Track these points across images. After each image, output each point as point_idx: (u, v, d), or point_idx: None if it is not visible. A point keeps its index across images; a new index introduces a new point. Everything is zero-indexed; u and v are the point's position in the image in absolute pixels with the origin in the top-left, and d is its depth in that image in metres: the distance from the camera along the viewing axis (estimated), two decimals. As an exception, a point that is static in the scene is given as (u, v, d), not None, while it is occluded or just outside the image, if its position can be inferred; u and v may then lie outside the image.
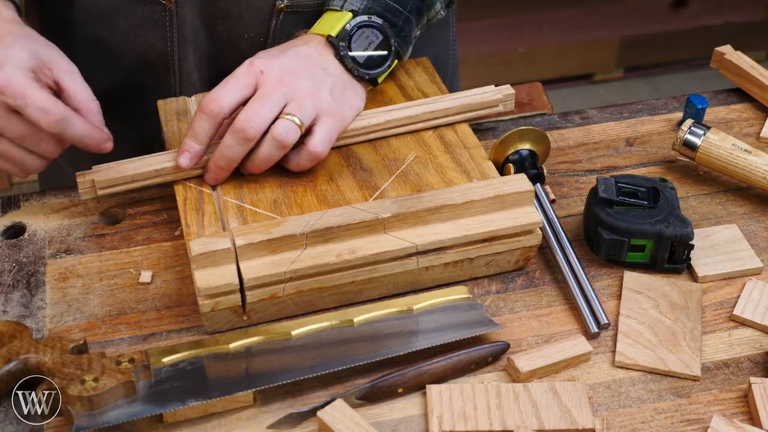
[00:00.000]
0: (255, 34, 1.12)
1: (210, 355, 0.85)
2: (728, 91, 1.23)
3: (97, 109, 0.94)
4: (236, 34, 1.12)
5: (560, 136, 1.15)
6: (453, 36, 1.33)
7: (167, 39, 1.12)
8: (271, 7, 1.10)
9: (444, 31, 1.30)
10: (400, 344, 0.87)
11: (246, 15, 1.10)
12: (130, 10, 1.10)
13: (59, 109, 0.90)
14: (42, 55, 0.93)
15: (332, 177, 1.00)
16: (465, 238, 0.92)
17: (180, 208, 0.96)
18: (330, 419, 0.80)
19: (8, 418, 0.83)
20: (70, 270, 0.98)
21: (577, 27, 3.02)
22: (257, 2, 1.10)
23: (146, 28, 1.11)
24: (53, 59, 0.94)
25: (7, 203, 1.06)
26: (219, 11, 1.10)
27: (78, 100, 0.93)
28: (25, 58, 0.91)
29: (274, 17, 1.11)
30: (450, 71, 1.34)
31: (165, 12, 1.09)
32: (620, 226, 0.95)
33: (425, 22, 1.12)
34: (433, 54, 1.21)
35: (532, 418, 0.82)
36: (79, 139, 0.92)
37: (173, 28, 1.11)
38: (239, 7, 1.10)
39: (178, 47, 1.12)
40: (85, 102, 0.94)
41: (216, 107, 0.95)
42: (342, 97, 1.01)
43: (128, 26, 1.11)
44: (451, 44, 1.33)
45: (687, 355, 0.88)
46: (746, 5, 3.11)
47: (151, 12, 1.10)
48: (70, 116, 0.90)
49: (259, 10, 1.10)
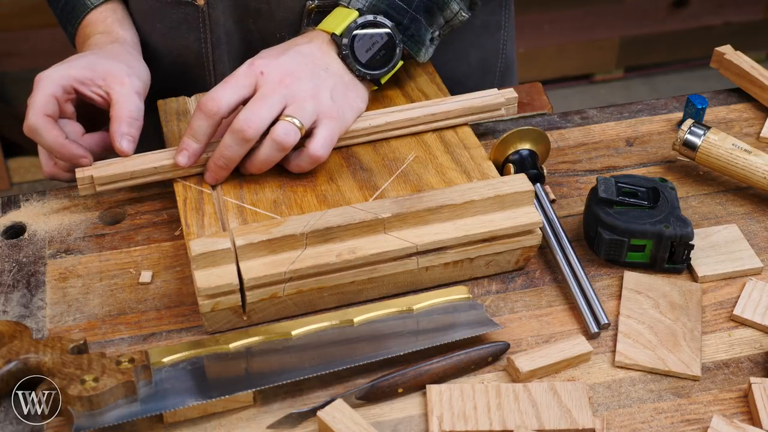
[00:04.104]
0: (287, 33, 1.12)
1: (210, 355, 0.85)
2: (728, 91, 1.23)
3: (126, 121, 1.00)
4: (269, 33, 1.13)
5: (560, 136, 1.15)
6: (504, 41, 1.31)
7: (201, 40, 1.13)
8: (302, 6, 1.10)
9: (494, 35, 1.29)
10: (400, 344, 0.87)
11: (278, 14, 1.11)
12: (165, 12, 1.12)
13: (33, 118, 0.97)
14: (100, 65, 1.02)
15: (332, 177, 1.00)
16: (465, 238, 0.92)
17: (180, 208, 0.96)
18: (330, 419, 0.80)
19: (8, 418, 0.83)
20: (70, 270, 0.98)
21: (577, 27, 3.02)
22: (289, 1, 1.10)
23: (181, 29, 1.13)
24: (110, 71, 1.02)
25: (7, 203, 1.06)
26: (251, 11, 1.11)
27: (115, 110, 1.00)
28: (78, 65, 1.01)
29: (305, 17, 1.11)
30: (499, 76, 1.33)
31: (198, 13, 1.11)
32: (620, 226, 0.95)
33: (443, 22, 1.10)
34: (479, 57, 1.20)
35: (532, 418, 0.82)
36: (49, 149, 0.99)
37: (206, 29, 1.12)
38: (270, 6, 1.10)
39: (212, 48, 1.14)
40: (119, 111, 1.00)
41: (214, 106, 0.95)
42: (343, 98, 1.01)
43: (164, 28, 1.13)
44: (501, 48, 1.31)
45: (687, 355, 0.88)
46: (746, 5, 3.11)
47: (185, 14, 1.11)
48: (41, 127, 0.97)
49: (291, 10, 1.11)
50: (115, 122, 0.99)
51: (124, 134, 0.99)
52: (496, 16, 1.28)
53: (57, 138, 0.98)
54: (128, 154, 0.99)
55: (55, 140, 0.98)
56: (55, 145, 0.98)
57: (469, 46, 1.18)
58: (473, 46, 1.21)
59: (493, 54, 1.31)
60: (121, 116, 0.99)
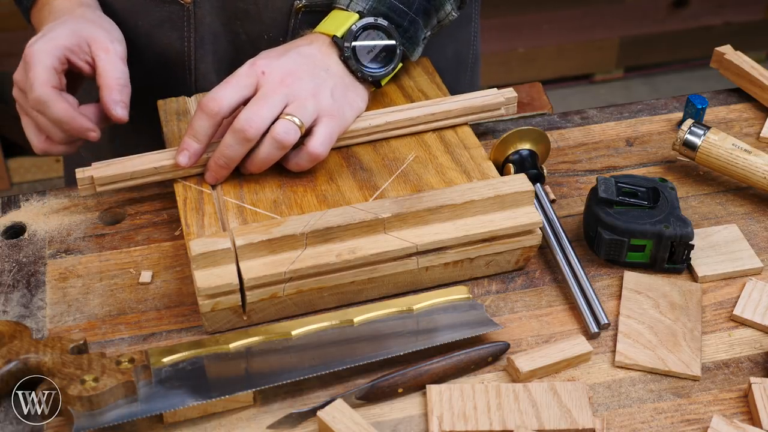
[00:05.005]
0: (274, 34, 1.12)
1: (210, 355, 0.85)
2: (728, 91, 1.23)
3: (116, 87, 0.99)
4: (256, 35, 1.12)
5: (560, 136, 1.15)
6: (474, 32, 1.33)
7: (184, 39, 1.13)
8: (290, 6, 1.10)
9: (466, 27, 1.30)
10: (400, 344, 0.87)
11: (265, 15, 1.11)
12: (149, 10, 1.11)
13: (40, 90, 0.96)
14: (84, 33, 1.00)
15: (332, 177, 1.00)
16: (465, 238, 0.92)
17: (180, 208, 0.96)
18: (330, 419, 0.80)
19: (8, 418, 0.83)
20: (70, 270, 0.98)
21: (577, 27, 3.02)
22: (276, 2, 1.10)
23: (164, 28, 1.12)
24: (94, 38, 1.00)
25: (7, 203, 1.06)
26: (239, 11, 1.11)
27: (103, 78, 0.99)
28: (64, 34, 0.99)
29: (292, 17, 1.11)
30: (470, 68, 1.34)
31: (183, 12, 1.10)
32: (620, 226, 0.95)
33: (436, 23, 1.11)
34: (454, 50, 1.20)
35: (532, 418, 0.82)
36: (57, 122, 0.98)
37: (191, 29, 1.11)
38: (258, 7, 1.10)
39: (195, 48, 1.13)
40: (107, 79, 0.99)
41: (215, 106, 0.95)
42: (343, 98, 1.01)
43: (147, 26, 1.12)
44: (472, 40, 1.32)
45: (687, 355, 0.88)
46: (746, 5, 3.12)
47: (170, 12, 1.11)
48: (49, 99, 0.96)
49: (278, 10, 1.10)
50: (106, 91, 0.99)
51: (117, 102, 0.99)
52: (467, 8, 1.29)
53: (67, 110, 0.97)
54: (124, 120, 0.99)
55: (66, 112, 0.97)
56: (65, 117, 0.97)
57: (446, 39, 1.18)
58: (449, 38, 1.21)
59: (465, 46, 1.32)
60: (111, 84, 0.99)
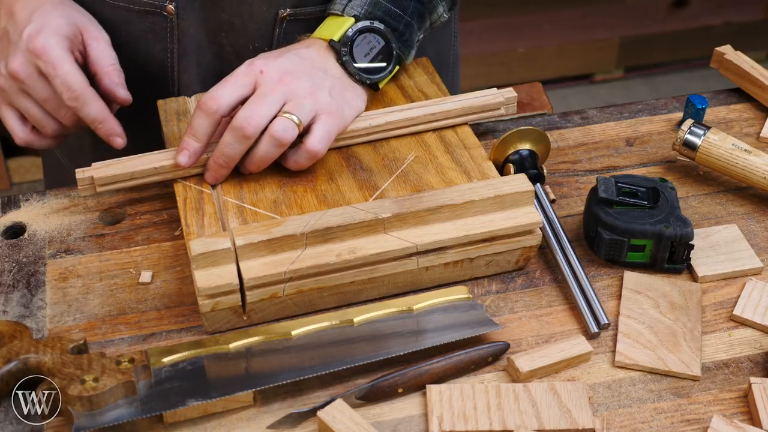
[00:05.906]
0: (259, 44, 1.12)
1: (210, 355, 0.85)
2: (728, 91, 1.23)
3: (114, 72, 1.01)
4: (241, 45, 1.12)
5: (560, 136, 1.15)
6: (454, 33, 1.33)
7: (167, 50, 1.12)
8: (274, 16, 1.10)
9: (446, 28, 1.30)
10: (400, 344, 0.87)
11: (250, 25, 1.11)
12: (132, 21, 1.11)
13: (81, 87, 0.97)
14: (77, 21, 1.01)
15: (332, 177, 1.00)
16: (465, 238, 0.92)
17: (180, 208, 0.96)
18: (330, 419, 0.80)
19: (8, 418, 0.83)
20: (70, 270, 0.98)
21: (577, 27, 3.02)
22: (260, 12, 1.10)
23: (147, 39, 1.12)
24: (85, 26, 1.01)
25: (7, 203, 1.06)
26: (223, 23, 1.10)
27: (98, 65, 1.00)
28: (63, 24, 0.99)
29: (277, 26, 1.11)
30: (451, 68, 1.34)
31: (166, 23, 1.10)
32: (620, 226, 0.95)
33: (428, 25, 1.12)
34: (435, 51, 1.20)
35: (532, 418, 0.82)
36: (92, 121, 0.99)
37: (174, 40, 1.11)
38: (242, 17, 1.10)
39: (178, 59, 1.13)
40: (103, 66, 1.00)
41: (214, 105, 0.95)
42: (342, 97, 1.01)
43: (129, 37, 1.12)
44: (452, 41, 1.33)
45: (687, 355, 0.88)
46: (746, 5, 3.11)
47: (153, 23, 1.10)
48: (89, 97, 0.97)
49: (263, 20, 1.10)
50: (105, 77, 1.00)
51: (118, 84, 1.01)
52: None
53: (103, 110, 0.98)
54: (129, 101, 1.01)
55: (102, 112, 0.98)
56: (101, 116, 0.98)
57: (428, 41, 1.18)
58: (431, 40, 1.21)
59: (446, 46, 1.32)
60: (108, 70, 1.00)
